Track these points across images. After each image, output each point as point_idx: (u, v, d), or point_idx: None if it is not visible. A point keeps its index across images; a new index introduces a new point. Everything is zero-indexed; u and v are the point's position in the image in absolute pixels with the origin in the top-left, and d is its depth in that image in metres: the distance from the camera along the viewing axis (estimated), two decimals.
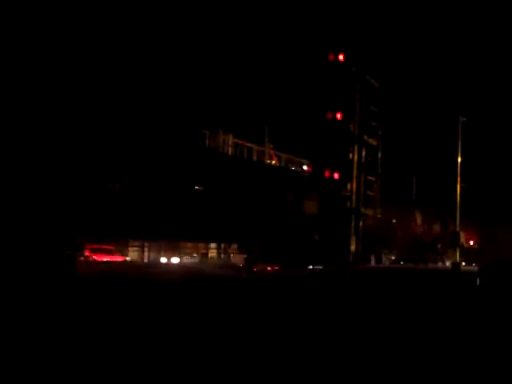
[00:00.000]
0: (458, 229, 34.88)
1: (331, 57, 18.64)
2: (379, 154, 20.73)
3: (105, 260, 22.57)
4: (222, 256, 28.46)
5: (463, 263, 37.67)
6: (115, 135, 22.73)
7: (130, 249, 26.89)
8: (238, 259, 28.07)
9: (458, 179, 35.32)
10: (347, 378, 6.78)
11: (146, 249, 27.08)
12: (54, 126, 20.78)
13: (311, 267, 26.90)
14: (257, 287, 17.30)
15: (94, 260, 22.57)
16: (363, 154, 19.88)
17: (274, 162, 36.68)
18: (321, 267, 26.57)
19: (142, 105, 20.44)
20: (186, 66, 31.59)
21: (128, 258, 26.08)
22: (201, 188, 25.86)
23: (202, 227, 24.88)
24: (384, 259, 39.08)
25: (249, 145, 34.50)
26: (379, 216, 23.90)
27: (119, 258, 24.22)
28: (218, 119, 28.43)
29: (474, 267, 32.55)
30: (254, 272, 23.70)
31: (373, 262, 32.45)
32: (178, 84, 30.10)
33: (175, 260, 27.08)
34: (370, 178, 20.32)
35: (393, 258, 36.39)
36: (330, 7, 20.55)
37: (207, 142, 31.76)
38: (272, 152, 36.11)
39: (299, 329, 9.63)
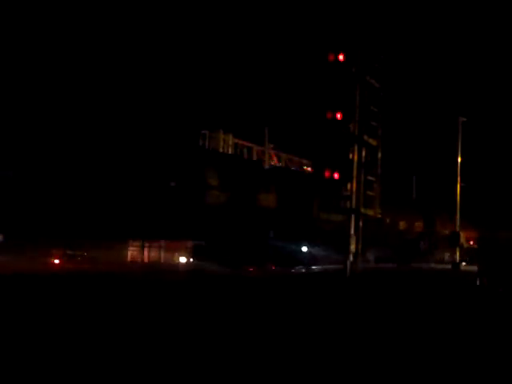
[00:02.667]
0: (457, 229, 34.90)
1: (331, 57, 18.57)
2: (379, 154, 20.68)
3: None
4: None
5: (463, 263, 37.73)
6: (113, 135, 22.75)
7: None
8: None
9: (458, 179, 35.34)
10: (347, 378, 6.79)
11: (145, 249, 27.07)
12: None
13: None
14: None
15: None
16: (363, 154, 19.83)
17: (274, 162, 36.71)
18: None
19: (141, 104, 20.44)
20: (185, 65, 31.58)
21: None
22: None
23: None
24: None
25: (249, 145, 34.53)
26: (379, 216, 23.97)
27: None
28: (218, 119, 28.42)
29: (474, 267, 32.56)
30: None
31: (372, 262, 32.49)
32: (177, 84, 30.09)
33: (183, 259, 26.89)
34: (369, 178, 20.28)
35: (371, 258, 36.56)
36: (330, 7, 20.56)
37: (207, 142, 31.76)
38: (272, 152, 36.14)
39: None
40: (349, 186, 19.28)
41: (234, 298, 13.80)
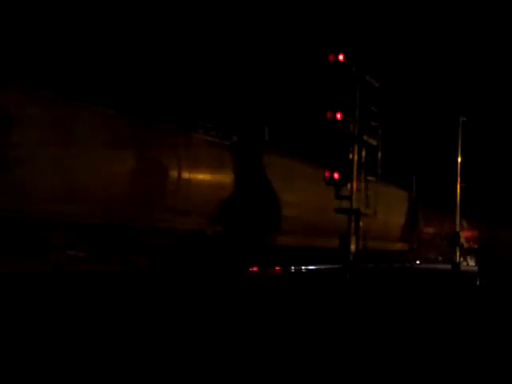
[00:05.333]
0: (457, 229, 34.88)
1: (331, 57, 18.53)
2: (379, 154, 20.63)
3: None
4: None
5: (465, 263, 37.80)
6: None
7: None
8: None
9: (458, 179, 35.34)
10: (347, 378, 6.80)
11: None
12: None
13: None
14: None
15: None
16: (363, 154, 19.78)
17: None
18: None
19: (139, 102, 20.40)
20: (186, 66, 31.60)
21: None
22: None
23: None
24: None
25: None
26: (379, 216, 23.90)
27: None
28: (218, 119, 28.38)
29: (474, 267, 32.63)
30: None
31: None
32: (176, 84, 30.09)
33: None
34: (369, 178, 20.24)
35: None
36: (330, 7, 20.57)
37: None
38: None
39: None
40: (349, 185, 19.26)
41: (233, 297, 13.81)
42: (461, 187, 35.41)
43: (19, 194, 14.36)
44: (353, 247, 19.21)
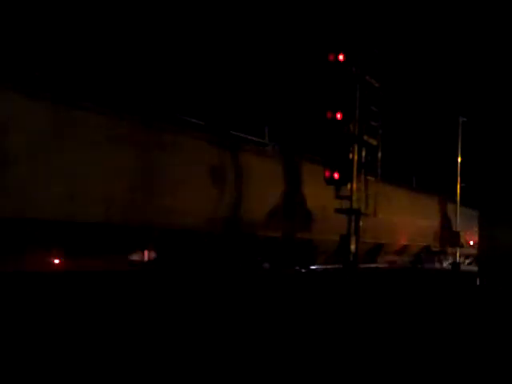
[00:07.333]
0: (458, 229, 34.89)
1: (331, 57, 18.53)
2: (379, 154, 20.63)
3: None
4: None
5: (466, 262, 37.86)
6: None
7: None
8: None
9: (458, 179, 35.35)
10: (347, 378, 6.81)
11: None
12: None
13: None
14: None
15: None
16: (363, 154, 19.78)
17: None
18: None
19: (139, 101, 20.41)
20: (186, 65, 31.60)
21: None
22: None
23: None
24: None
25: None
26: (380, 216, 23.91)
27: None
28: (217, 119, 28.40)
29: (473, 267, 32.64)
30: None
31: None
32: (176, 83, 30.10)
33: None
34: (369, 177, 20.24)
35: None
36: (330, 7, 20.56)
37: None
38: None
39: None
40: (349, 185, 19.26)
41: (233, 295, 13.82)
42: (461, 187, 35.42)
43: (19, 195, 14.36)
44: (353, 247, 19.21)
